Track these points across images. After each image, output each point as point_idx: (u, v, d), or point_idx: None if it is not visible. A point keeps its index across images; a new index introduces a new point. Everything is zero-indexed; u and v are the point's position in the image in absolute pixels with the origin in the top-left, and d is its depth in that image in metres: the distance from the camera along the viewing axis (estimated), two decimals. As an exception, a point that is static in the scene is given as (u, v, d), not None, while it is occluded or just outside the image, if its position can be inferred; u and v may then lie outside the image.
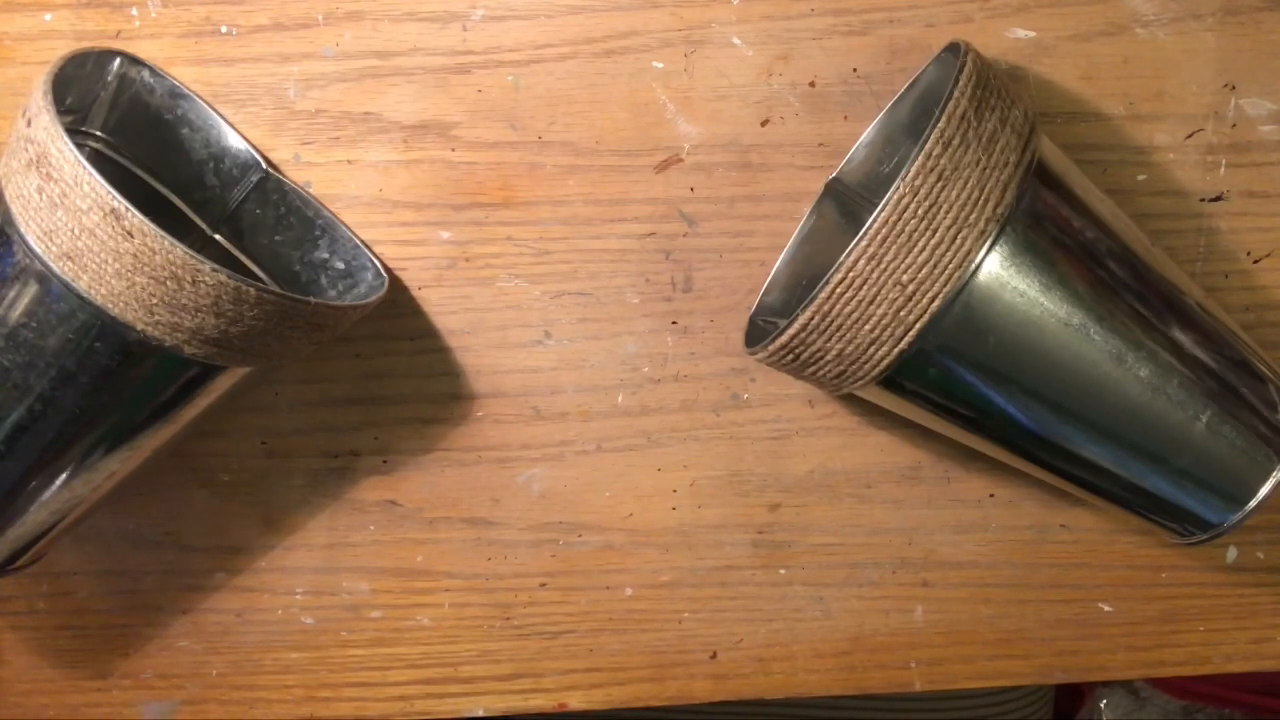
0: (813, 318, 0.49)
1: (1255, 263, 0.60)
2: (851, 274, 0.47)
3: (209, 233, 0.59)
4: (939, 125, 0.46)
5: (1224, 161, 0.59)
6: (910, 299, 0.48)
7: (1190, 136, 0.59)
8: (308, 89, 0.59)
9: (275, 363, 0.53)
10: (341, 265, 0.59)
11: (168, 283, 0.47)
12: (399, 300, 0.60)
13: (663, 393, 0.62)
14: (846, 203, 0.59)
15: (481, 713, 0.65)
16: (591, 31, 0.58)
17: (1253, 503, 0.50)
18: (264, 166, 0.58)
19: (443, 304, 0.61)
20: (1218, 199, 0.59)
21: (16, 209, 0.48)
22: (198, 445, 0.62)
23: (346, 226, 0.59)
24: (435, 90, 0.59)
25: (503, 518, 0.63)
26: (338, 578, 0.63)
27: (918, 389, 0.52)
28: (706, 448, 0.62)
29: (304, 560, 0.63)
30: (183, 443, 0.59)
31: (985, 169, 0.47)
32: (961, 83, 0.47)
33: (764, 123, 0.59)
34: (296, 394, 0.62)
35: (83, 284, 0.48)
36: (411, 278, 0.60)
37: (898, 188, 0.46)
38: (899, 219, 0.47)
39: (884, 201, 0.46)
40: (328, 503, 0.63)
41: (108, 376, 0.50)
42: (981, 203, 0.47)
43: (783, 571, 0.63)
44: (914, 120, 0.57)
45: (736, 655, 0.64)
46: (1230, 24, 0.58)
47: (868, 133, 0.58)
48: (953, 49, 0.53)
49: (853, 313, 0.48)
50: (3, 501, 0.53)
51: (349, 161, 0.59)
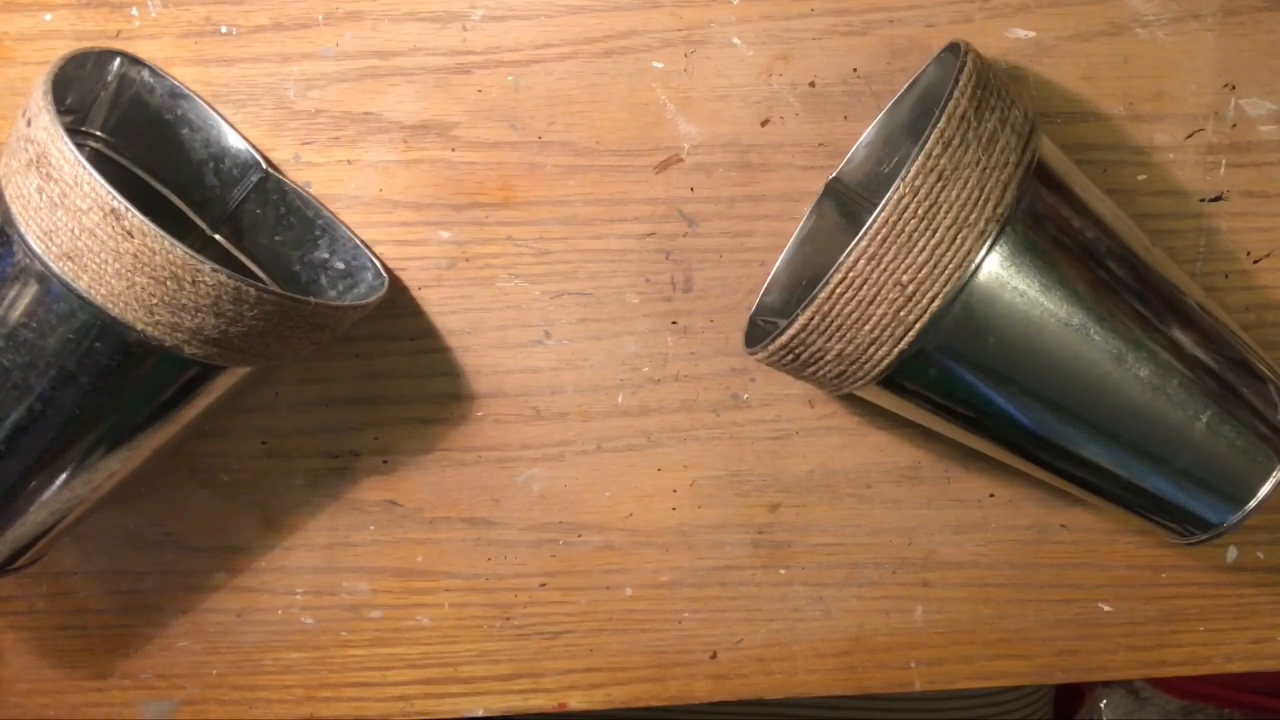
0: (813, 318, 0.49)
1: (1255, 263, 0.60)
2: (851, 274, 0.47)
3: (209, 233, 0.59)
4: (939, 125, 0.46)
5: (1224, 161, 0.59)
6: (910, 299, 0.48)
7: (1190, 136, 0.59)
8: (308, 89, 0.59)
9: (275, 363, 0.53)
10: (341, 265, 0.59)
11: (168, 283, 0.47)
12: (399, 300, 0.60)
13: (663, 393, 0.61)
14: (846, 203, 0.59)
15: (481, 713, 0.65)
16: (591, 31, 0.58)
17: (1253, 503, 0.50)
18: (264, 166, 0.58)
19: (443, 304, 0.61)
20: (1218, 199, 0.59)
21: (16, 209, 0.48)
22: (198, 445, 0.62)
23: (346, 226, 0.59)
24: (435, 90, 0.59)
25: (503, 518, 0.63)
26: (338, 578, 0.63)
27: (918, 389, 0.52)
28: (706, 448, 0.62)
29: (304, 560, 0.63)
30: (183, 443, 0.59)
31: (985, 169, 0.47)
32: (961, 83, 0.47)
33: (764, 123, 0.59)
34: (296, 394, 0.62)
35: (83, 284, 0.48)
36: (411, 278, 0.60)
37: (898, 188, 0.46)
38: (899, 219, 0.47)
39: (884, 201, 0.46)
40: (328, 503, 0.63)
41: (108, 376, 0.50)
42: (981, 203, 0.47)
43: (783, 571, 0.63)
44: (914, 120, 0.57)
45: (736, 655, 0.64)
46: (1230, 24, 0.58)
47: (868, 133, 0.58)
48: (953, 49, 0.53)
49: (853, 313, 0.48)
50: (3, 501, 0.53)
51: (349, 161, 0.59)
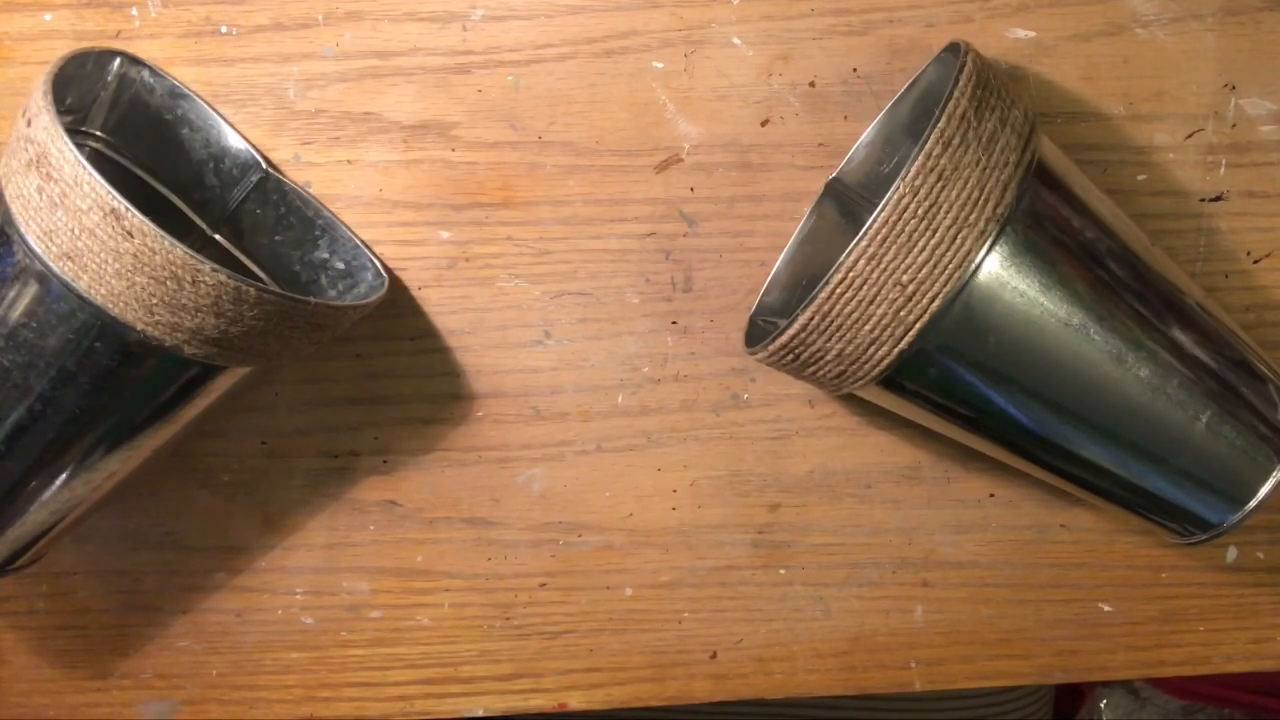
0: (813, 318, 0.49)
1: (1255, 263, 0.60)
2: (851, 274, 0.47)
3: (209, 233, 0.59)
4: (939, 125, 0.46)
5: (1224, 161, 0.59)
6: (910, 299, 0.48)
7: (1190, 136, 0.59)
8: (308, 89, 0.59)
9: (275, 363, 0.53)
10: (341, 265, 0.59)
11: (168, 283, 0.47)
12: (399, 300, 0.60)
13: (663, 393, 0.61)
14: (846, 203, 0.59)
15: (481, 713, 0.65)
16: (591, 31, 0.58)
17: (1253, 503, 0.50)
18: (264, 166, 0.58)
19: (443, 304, 0.61)
20: (1218, 199, 0.59)
21: (16, 209, 0.48)
22: (198, 445, 0.62)
23: (346, 226, 0.59)
24: (435, 90, 0.59)
25: (503, 518, 0.63)
26: (338, 578, 0.63)
27: (918, 389, 0.52)
28: (706, 448, 0.62)
29: (304, 560, 0.63)
30: (183, 443, 0.59)
31: (985, 169, 0.47)
32: (961, 83, 0.47)
33: (764, 123, 0.59)
34: (296, 394, 0.62)
35: (83, 284, 0.48)
36: (411, 278, 0.60)
37: (898, 188, 0.46)
38: (899, 219, 0.47)
39: (884, 201, 0.46)
40: (328, 503, 0.63)
41: (108, 376, 0.50)
42: (981, 203, 0.47)
43: (783, 571, 0.63)
44: (914, 120, 0.57)
45: (736, 655, 0.64)
46: (1230, 24, 0.58)
47: (868, 133, 0.58)
48: (953, 49, 0.53)
49: (853, 313, 0.48)
50: (3, 501, 0.53)
51: (349, 161, 0.59)
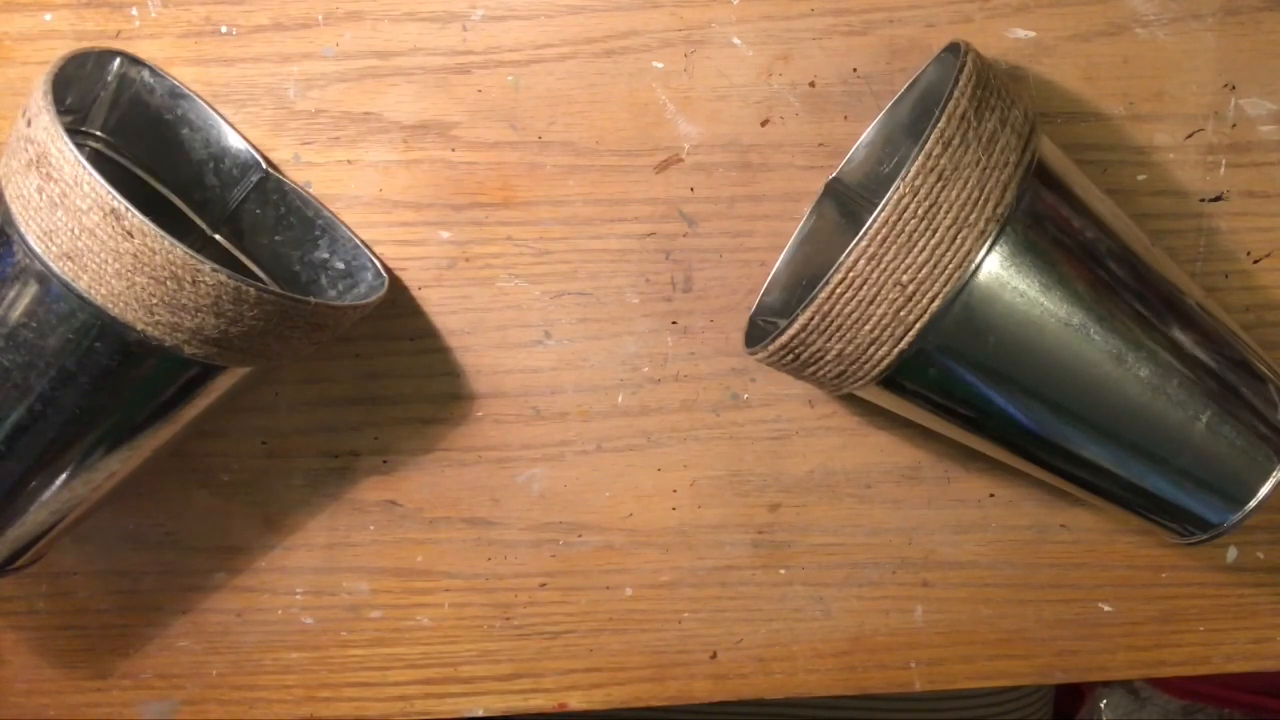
0: (813, 318, 0.49)
1: (1255, 263, 0.60)
2: (851, 274, 0.47)
3: (209, 233, 0.59)
4: (939, 125, 0.46)
5: (1224, 161, 0.59)
6: (910, 299, 0.48)
7: (1190, 136, 0.59)
8: (308, 89, 0.59)
9: (275, 363, 0.53)
10: (341, 265, 0.59)
11: (168, 283, 0.47)
12: (399, 300, 0.60)
13: (663, 393, 0.61)
14: (846, 203, 0.59)
15: (481, 713, 0.65)
16: (591, 31, 0.58)
17: (1253, 503, 0.50)
18: (264, 166, 0.58)
19: (443, 304, 0.61)
20: (1218, 199, 0.59)
21: (16, 209, 0.48)
22: (198, 445, 0.62)
23: (346, 226, 0.59)
24: (435, 90, 0.59)
25: (503, 518, 0.63)
26: (338, 578, 0.63)
27: (918, 389, 0.52)
28: (706, 448, 0.62)
29: (304, 560, 0.63)
30: (183, 443, 0.59)
31: (985, 169, 0.47)
32: (961, 83, 0.47)
33: (764, 123, 0.59)
34: (296, 394, 0.62)
35: (83, 284, 0.48)
36: (411, 278, 0.60)
37: (898, 188, 0.46)
38: (899, 219, 0.47)
39: (884, 201, 0.46)
40: (328, 503, 0.63)
41: (108, 376, 0.50)
42: (981, 203, 0.47)
43: (783, 571, 0.63)
44: (914, 120, 0.57)
45: (736, 655, 0.64)
46: (1230, 24, 0.58)
47: (868, 133, 0.58)
48: (953, 49, 0.53)
49: (853, 313, 0.48)
50: (3, 501, 0.53)
51: (349, 161, 0.59)
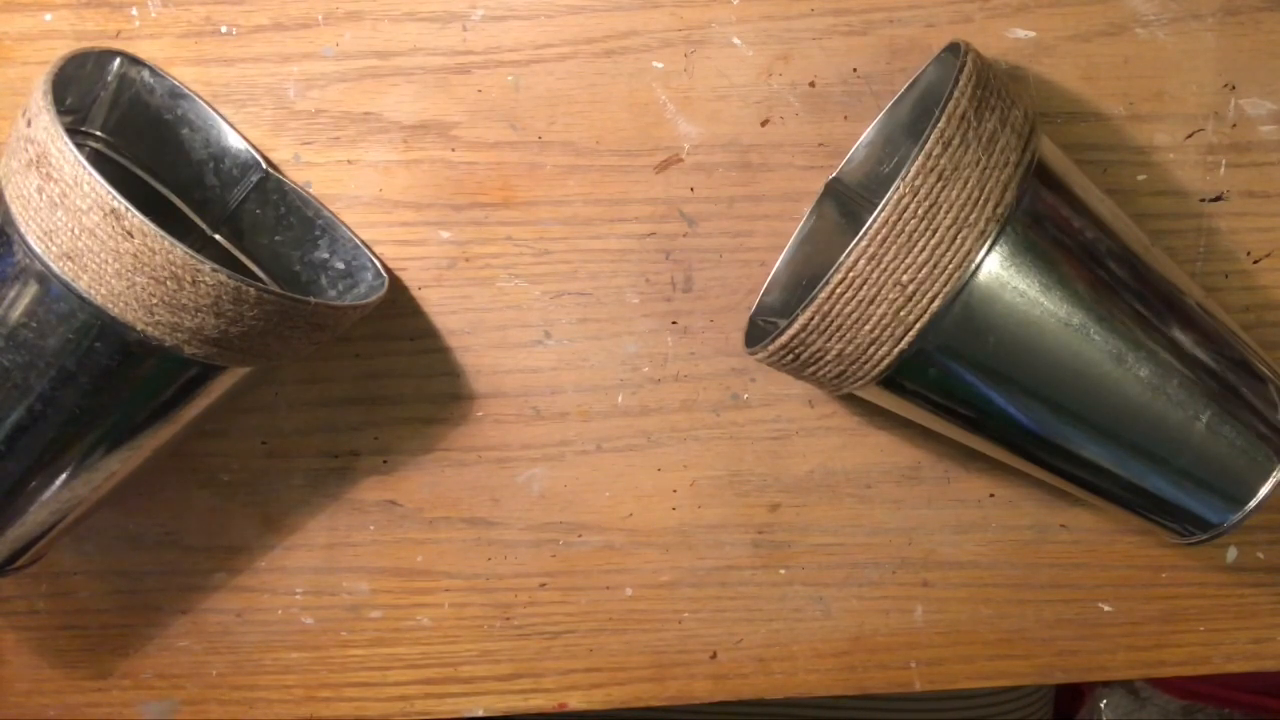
0: (813, 318, 0.49)
1: (1255, 263, 0.60)
2: (851, 274, 0.47)
3: (209, 233, 0.59)
4: (939, 125, 0.46)
5: (1224, 161, 0.59)
6: (910, 299, 0.48)
7: (1190, 136, 0.59)
8: (308, 89, 0.59)
9: (275, 363, 0.53)
10: (341, 265, 0.59)
11: (168, 283, 0.47)
12: (399, 300, 0.60)
13: (663, 393, 0.61)
14: (846, 203, 0.59)
15: (481, 713, 0.65)
16: (591, 31, 0.58)
17: (1253, 503, 0.50)
18: (264, 166, 0.58)
19: (443, 304, 0.61)
20: (1218, 199, 0.59)
21: (16, 209, 0.48)
22: (198, 445, 0.62)
23: (346, 226, 0.59)
24: (435, 90, 0.59)
25: (503, 518, 0.63)
26: (338, 578, 0.63)
27: (918, 389, 0.52)
28: (706, 448, 0.62)
29: (304, 560, 0.63)
30: (183, 443, 0.59)
31: (985, 169, 0.47)
32: (961, 83, 0.47)
33: (764, 123, 0.59)
34: (296, 394, 0.62)
35: (83, 284, 0.48)
36: (411, 278, 0.60)
37: (898, 188, 0.46)
38: (899, 219, 0.47)
39: (884, 201, 0.46)
40: (328, 503, 0.63)
41: (108, 376, 0.50)
42: (981, 203, 0.47)
43: (783, 571, 0.63)
44: (914, 120, 0.57)
45: (736, 655, 0.64)
46: (1230, 24, 0.58)
47: (868, 133, 0.58)
48: (953, 49, 0.53)
49: (853, 313, 0.48)
50: (3, 501, 0.53)
51: (349, 161, 0.59)
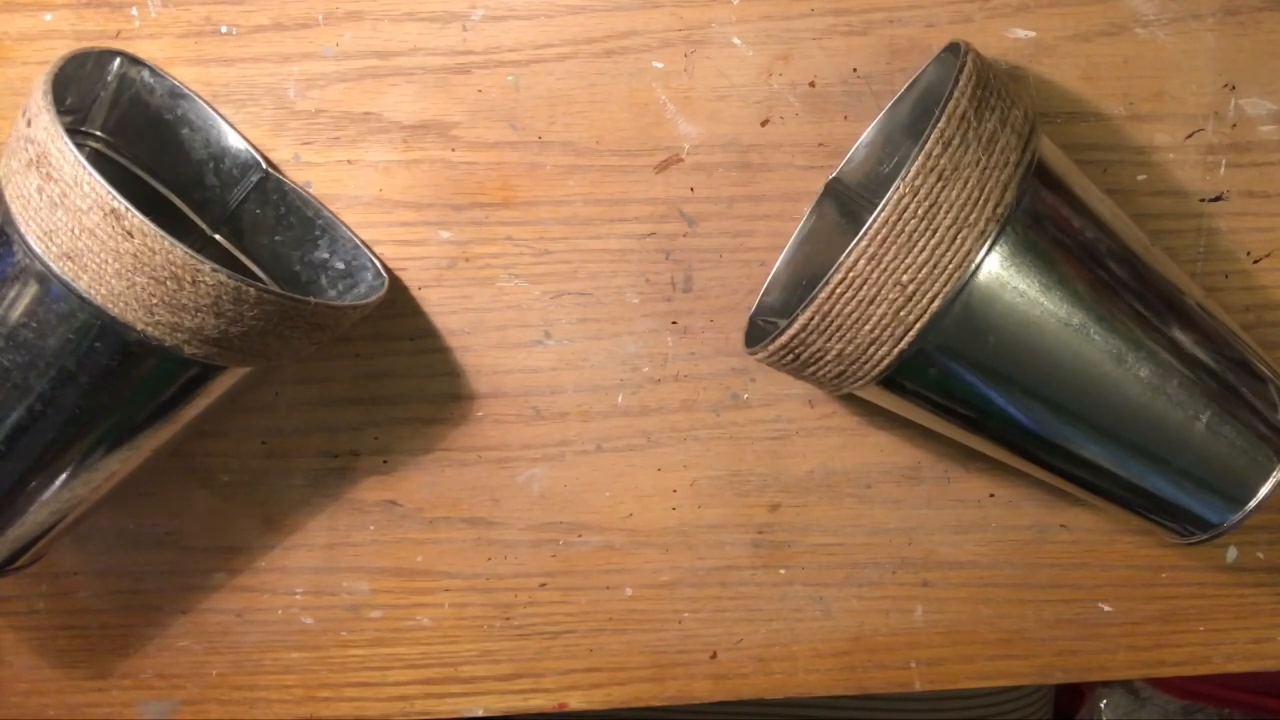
0: (813, 318, 0.49)
1: (1255, 263, 0.60)
2: (851, 274, 0.47)
3: (209, 233, 0.59)
4: (939, 125, 0.46)
5: (1224, 161, 0.59)
6: (910, 299, 0.48)
7: (1190, 136, 0.59)
8: (308, 89, 0.59)
9: (275, 363, 0.53)
10: (341, 265, 0.59)
11: (168, 283, 0.47)
12: (399, 300, 0.60)
13: (663, 393, 0.61)
14: (846, 203, 0.59)
15: (481, 713, 0.65)
16: (591, 31, 0.58)
17: (1253, 503, 0.50)
18: (264, 166, 0.58)
19: (443, 304, 0.61)
20: (1218, 199, 0.59)
21: (16, 209, 0.48)
22: (198, 445, 0.62)
23: (346, 226, 0.59)
24: (435, 90, 0.59)
25: (503, 518, 0.63)
26: (338, 578, 0.63)
27: (918, 389, 0.52)
28: (706, 448, 0.62)
29: (304, 560, 0.63)
30: (183, 443, 0.59)
31: (985, 169, 0.47)
32: (961, 83, 0.47)
33: (764, 123, 0.59)
34: (296, 394, 0.62)
35: (83, 284, 0.48)
36: (411, 278, 0.60)
37: (898, 188, 0.46)
38: (899, 219, 0.47)
39: (884, 201, 0.46)
40: (328, 503, 0.63)
41: (108, 376, 0.50)
42: (981, 203, 0.47)
43: (783, 571, 0.63)
44: (914, 120, 0.57)
45: (736, 655, 0.64)
46: (1230, 24, 0.58)
47: (868, 133, 0.58)
48: (953, 49, 0.53)
49: (853, 313, 0.48)
50: (3, 501, 0.53)
51: (349, 161, 0.59)
